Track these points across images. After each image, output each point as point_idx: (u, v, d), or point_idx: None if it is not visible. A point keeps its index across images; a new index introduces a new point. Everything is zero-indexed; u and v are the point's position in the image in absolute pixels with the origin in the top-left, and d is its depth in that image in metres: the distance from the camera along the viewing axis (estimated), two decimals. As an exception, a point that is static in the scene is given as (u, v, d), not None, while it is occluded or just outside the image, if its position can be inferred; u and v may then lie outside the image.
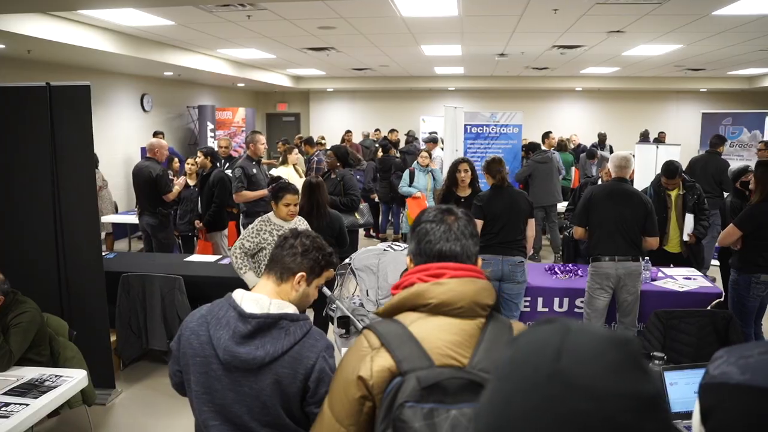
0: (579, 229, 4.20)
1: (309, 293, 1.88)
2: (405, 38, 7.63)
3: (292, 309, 1.80)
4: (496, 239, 4.16)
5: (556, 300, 4.43)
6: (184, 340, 1.79)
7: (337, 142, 12.68)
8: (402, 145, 11.66)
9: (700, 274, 4.78)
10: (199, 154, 6.51)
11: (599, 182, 5.81)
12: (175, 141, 11.68)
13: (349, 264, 3.53)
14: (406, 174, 7.63)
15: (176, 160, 8.40)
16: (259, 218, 4.04)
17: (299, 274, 1.81)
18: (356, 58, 9.86)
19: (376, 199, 9.00)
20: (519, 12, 5.86)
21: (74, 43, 6.40)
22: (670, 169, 4.92)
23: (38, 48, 6.71)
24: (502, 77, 13.47)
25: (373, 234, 9.34)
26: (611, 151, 12.29)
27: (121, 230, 8.44)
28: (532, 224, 4.31)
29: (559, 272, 4.71)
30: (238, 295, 1.81)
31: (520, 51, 8.96)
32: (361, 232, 9.54)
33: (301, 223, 4.06)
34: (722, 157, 6.48)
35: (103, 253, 5.47)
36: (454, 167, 5.11)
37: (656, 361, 2.60)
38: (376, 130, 13.26)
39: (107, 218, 7.68)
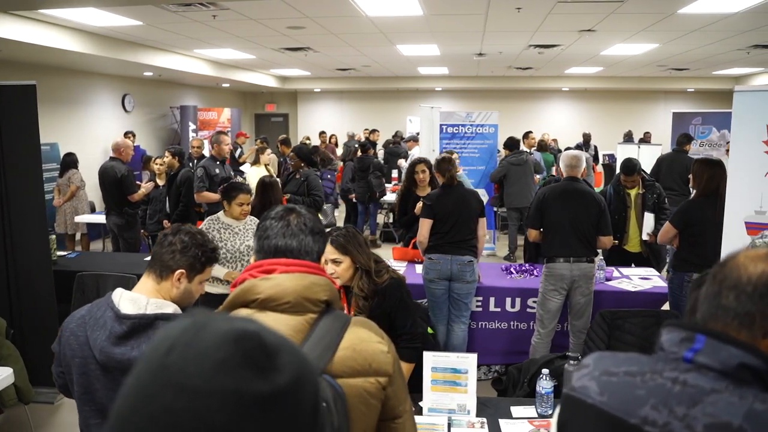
0: (533, 231, 4.16)
1: (192, 290, 1.87)
2: (377, 38, 7.62)
3: (171, 308, 1.79)
4: (445, 239, 4.13)
5: (508, 300, 4.40)
6: (64, 341, 1.79)
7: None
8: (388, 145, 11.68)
9: (658, 274, 4.76)
10: (166, 153, 6.51)
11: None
12: (158, 141, 11.69)
13: None
14: None
15: (154, 160, 8.40)
16: (208, 218, 4.01)
17: (178, 272, 1.81)
18: (335, 58, 9.86)
19: (354, 199, 8.99)
20: (482, 11, 5.85)
21: (42, 43, 6.40)
22: (628, 166, 4.90)
23: (8, 48, 6.71)
24: (488, 77, 13.46)
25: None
26: (596, 151, 12.29)
27: (96, 230, 8.44)
28: (483, 224, 4.29)
29: (514, 272, 4.69)
30: (117, 294, 1.80)
31: (497, 51, 8.95)
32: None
33: (253, 224, 4.02)
34: (691, 155, 6.45)
35: (65, 253, 5.53)
36: (412, 168, 5.11)
37: (571, 362, 2.59)
38: (373, 130, 13.04)
39: (81, 218, 7.70)
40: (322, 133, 11.52)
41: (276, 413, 0.55)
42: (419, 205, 4.82)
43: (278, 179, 6.49)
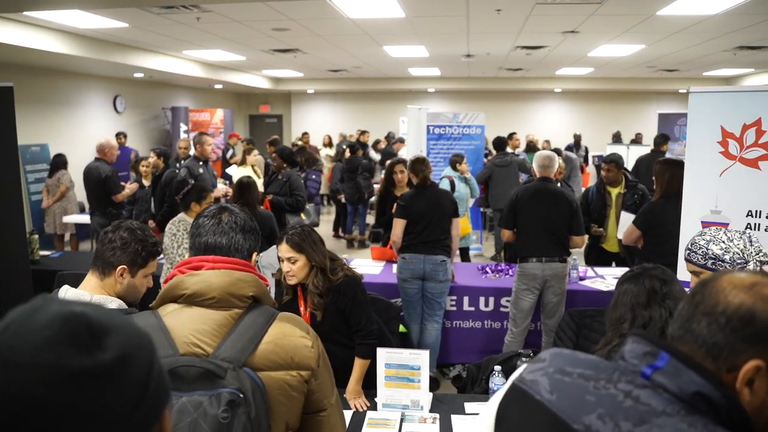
0: (506, 231, 4.20)
1: (136, 284, 1.91)
2: (363, 39, 7.67)
3: (115, 303, 1.84)
4: (418, 238, 4.17)
5: (482, 299, 4.45)
6: None
7: (319, 143, 12.78)
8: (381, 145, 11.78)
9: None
10: (151, 154, 6.57)
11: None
12: (151, 143, 11.74)
13: (257, 261, 3.57)
14: (445, 183, 6.30)
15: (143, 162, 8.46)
16: (176, 222, 3.97)
17: (120, 267, 1.85)
18: (325, 59, 9.91)
19: (343, 200, 9.05)
20: (462, 12, 5.89)
21: (26, 45, 6.45)
22: (608, 156, 5.02)
23: (-5, 50, 6.78)
24: (480, 78, 13.51)
25: (341, 234, 9.39)
26: (586, 152, 12.33)
27: (85, 231, 8.50)
28: (457, 223, 4.33)
29: (489, 272, 4.73)
30: (62, 292, 1.85)
31: (485, 52, 8.99)
32: (330, 232, 9.62)
33: None
34: (674, 156, 6.49)
35: (49, 253, 5.60)
36: (391, 168, 5.16)
37: (523, 358, 2.63)
38: (363, 131, 13.08)
39: (69, 218, 7.76)
40: (304, 134, 11.65)
41: (96, 388, 0.59)
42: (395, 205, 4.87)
43: (259, 180, 6.56)
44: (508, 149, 8.22)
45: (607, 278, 4.59)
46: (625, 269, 4.94)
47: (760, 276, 0.87)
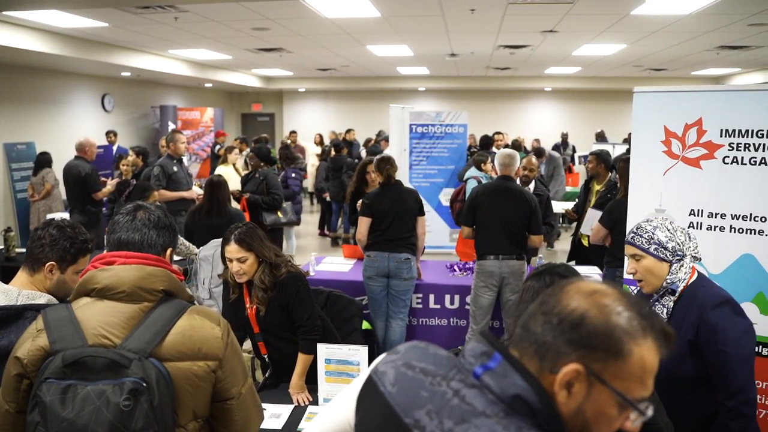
0: (466, 228, 4.25)
1: (66, 280, 1.96)
2: (345, 39, 7.71)
3: (44, 299, 1.88)
4: (383, 236, 4.21)
5: (447, 297, 4.50)
6: None
7: (311, 141, 12.83)
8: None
9: (600, 272, 4.82)
10: (131, 153, 6.62)
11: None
12: (140, 141, 11.79)
13: (196, 254, 3.63)
14: (472, 184, 5.71)
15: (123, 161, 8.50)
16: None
17: (48, 264, 1.90)
18: (311, 58, 9.95)
19: (328, 198, 9.10)
20: (437, 12, 5.93)
21: (8, 44, 6.50)
22: (596, 150, 5.10)
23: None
24: (470, 78, 13.54)
25: (326, 232, 9.44)
26: (574, 151, 12.38)
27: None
28: (422, 222, 4.38)
29: (457, 270, 4.78)
30: (-8, 288, 1.90)
31: (468, 51, 9.03)
32: (315, 230, 9.68)
33: None
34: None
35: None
36: (363, 168, 5.19)
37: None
38: (348, 130, 13.21)
39: (52, 216, 7.82)
40: (292, 132, 11.72)
41: None
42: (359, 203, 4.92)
43: (237, 178, 6.61)
44: (494, 148, 8.27)
45: (573, 276, 4.63)
46: (593, 267, 4.99)
47: (606, 286, 0.90)
